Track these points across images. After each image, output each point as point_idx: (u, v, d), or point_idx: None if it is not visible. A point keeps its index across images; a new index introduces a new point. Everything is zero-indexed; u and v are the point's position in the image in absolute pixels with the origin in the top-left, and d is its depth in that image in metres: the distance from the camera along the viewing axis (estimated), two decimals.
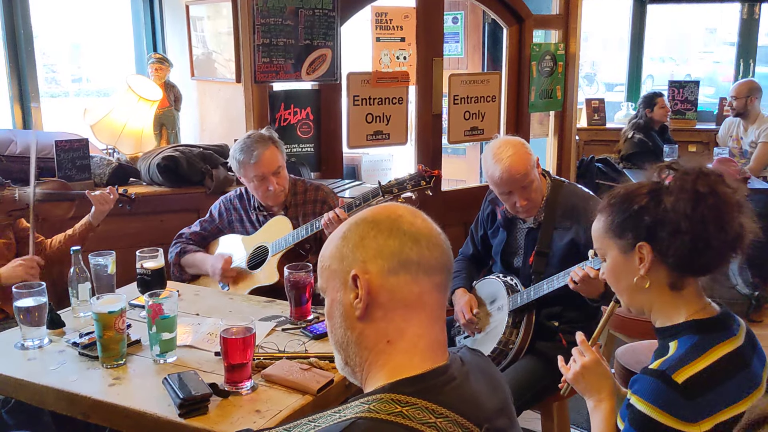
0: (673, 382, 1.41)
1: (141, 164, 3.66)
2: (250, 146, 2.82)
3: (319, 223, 2.71)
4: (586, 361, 1.69)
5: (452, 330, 2.86)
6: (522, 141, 2.60)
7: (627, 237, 1.54)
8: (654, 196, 1.52)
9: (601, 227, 1.60)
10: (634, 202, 1.53)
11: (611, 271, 1.61)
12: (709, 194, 1.47)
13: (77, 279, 2.46)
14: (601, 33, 11.92)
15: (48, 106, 4.03)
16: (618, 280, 1.61)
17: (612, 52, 11.94)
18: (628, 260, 1.55)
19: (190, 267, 3.01)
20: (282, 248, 2.83)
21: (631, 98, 6.79)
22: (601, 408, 1.65)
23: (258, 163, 2.80)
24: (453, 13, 5.40)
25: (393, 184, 2.71)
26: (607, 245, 1.60)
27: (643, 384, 1.45)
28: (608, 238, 1.59)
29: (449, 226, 3.34)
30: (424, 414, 1.03)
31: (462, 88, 4.53)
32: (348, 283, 1.14)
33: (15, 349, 2.18)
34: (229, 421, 1.73)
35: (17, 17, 3.72)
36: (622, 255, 1.56)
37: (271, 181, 2.83)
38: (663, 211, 1.49)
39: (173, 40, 4.22)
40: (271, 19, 3.66)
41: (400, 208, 1.19)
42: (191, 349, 2.16)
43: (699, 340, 1.48)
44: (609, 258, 1.60)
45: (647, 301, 1.58)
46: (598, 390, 1.67)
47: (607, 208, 1.59)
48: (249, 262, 2.92)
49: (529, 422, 3.14)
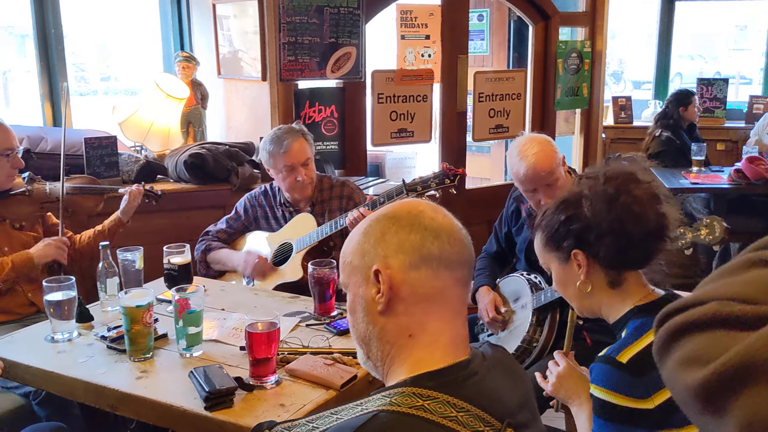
0: (618, 363, 1.48)
1: (168, 161, 3.71)
2: (281, 137, 2.87)
3: (344, 221, 2.73)
4: (560, 371, 1.79)
5: (476, 328, 2.86)
6: (548, 138, 2.59)
7: (562, 248, 1.63)
8: (576, 205, 1.60)
9: (539, 243, 1.70)
10: (560, 214, 1.62)
11: (557, 281, 1.69)
12: (619, 194, 1.55)
13: (106, 274, 2.50)
14: (628, 30, 11.81)
15: (77, 104, 4.09)
16: (565, 288, 1.69)
17: (639, 49, 11.82)
18: (568, 269, 1.64)
19: (216, 263, 3.05)
20: (306, 245, 2.85)
21: (659, 96, 6.72)
22: (582, 410, 1.71)
23: (288, 153, 2.84)
24: (478, 10, 5.38)
25: (417, 182, 2.73)
26: (549, 258, 1.69)
27: (595, 371, 1.53)
28: (547, 252, 1.68)
29: (473, 224, 3.34)
30: (445, 408, 1.03)
31: (487, 86, 4.52)
32: (370, 278, 1.14)
33: (45, 342, 2.22)
34: (254, 415, 1.75)
35: (48, 17, 3.78)
36: (562, 265, 1.65)
37: (300, 171, 2.87)
38: (585, 217, 1.58)
39: (200, 38, 4.26)
40: (297, 18, 3.68)
41: (421, 204, 1.19)
42: (217, 343, 2.18)
43: (641, 323, 1.54)
44: (553, 270, 1.69)
45: (595, 303, 1.65)
46: (577, 395, 1.75)
47: (540, 224, 1.69)
48: (273, 258, 2.95)
49: (552, 420, 3.12)
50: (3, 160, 2.68)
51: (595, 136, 5.21)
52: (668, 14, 6.67)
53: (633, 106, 6.44)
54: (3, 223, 2.77)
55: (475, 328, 2.85)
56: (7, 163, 2.69)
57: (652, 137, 5.72)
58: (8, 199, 2.77)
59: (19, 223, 2.81)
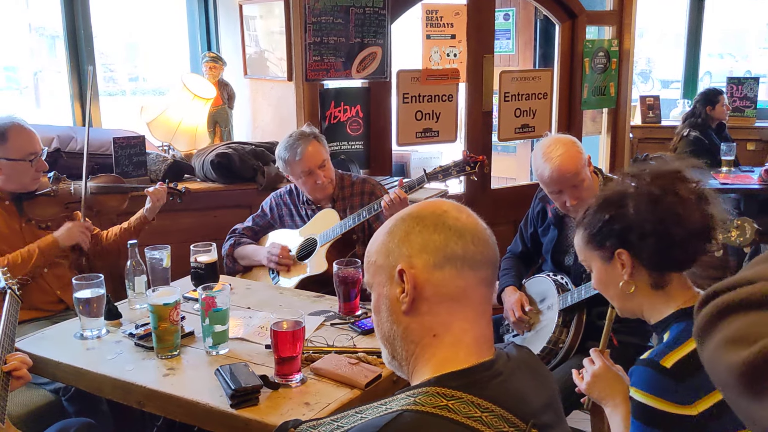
0: (662, 367, 1.45)
1: (195, 161, 3.74)
2: (293, 144, 2.92)
3: (379, 205, 2.77)
4: (596, 370, 1.76)
5: (501, 328, 2.85)
6: (573, 139, 2.57)
7: (605, 246, 1.60)
8: (618, 204, 1.58)
9: (581, 241, 1.67)
10: (604, 212, 1.60)
11: (598, 281, 1.67)
12: (665, 194, 1.52)
13: (134, 272, 2.53)
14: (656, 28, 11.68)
15: (106, 104, 4.14)
16: (606, 288, 1.66)
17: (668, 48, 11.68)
18: (611, 268, 1.61)
19: (243, 258, 3.10)
20: (330, 238, 2.88)
21: (688, 95, 6.63)
22: (617, 412, 1.68)
23: (303, 159, 2.89)
24: (504, 9, 5.36)
25: (438, 170, 2.78)
26: (590, 257, 1.66)
27: (636, 374, 1.49)
28: (588, 250, 1.65)
29: (499, 225, 3.33)
30: (469, 408, 1.03)
31: (513, 85, 4.50)
32: (394, 277, 1.15)
33: (74, 339, 2.25)
34: (279, 413, 1.76)
35: (78, 19, 3.83)
36: (605, 264, 1.62)
37: (318, 174, 2.91)
38: (629, 216, 1.55)
39: (227, 39, 4.29)
40: (323, 18, 3.70)
41: (445, 203, 1.19)
42: (243, 341, 2.20)
43: (686, 326, 1.51)
44: (594, 269, 1.67)
45: (637, 304, 1.62)
46: (612, 395, 1.71)
47: (582, 222, 1.66)
48: (298, 253, 2.98)
49: (578, 423, 3.09)
50: (27, 165, 2.71)
51: (623, 136, 5.16)
52: (697, 12, 6.58)
53: (661, 106, 6.36)
54: (29, 223, 2.81)
55: (501, 329, 2.84)
56: (31, 167, 2.73)
57: (680, 137, 5.65)
58: (34, 200, 2.81)
59: (45, 223, 2.85)
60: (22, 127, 2.73)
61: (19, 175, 2.71)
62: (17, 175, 2.71)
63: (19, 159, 2.69)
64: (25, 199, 2.79)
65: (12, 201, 2.78)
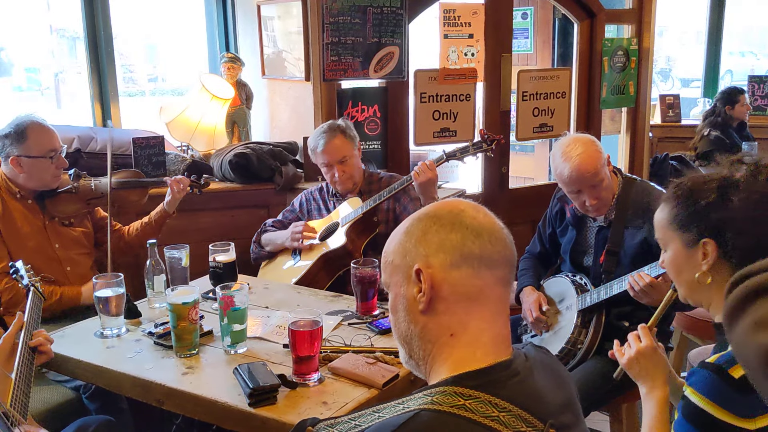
0: (729, 376, 1.38)
1: (213, 161, 3.76)
2: (320, 135, 3.01)
3: (400, 184, 2.88)
4: (642, 347, 1.68)
5: (519, 329, 2.83)
6: (592, 138, 2.55)
7: (691, 231, 1.51)
8: (722, 192, 1.47)
9: (665, 218, 1.58)
10: (701, 197, 1.50)
11: (672, 262, 1.59)
12: None
13: (153, 271, 2.55)
14: (677, 27, 11.57)
15: (126, 105, 4.17)
16: (679, 272, 1.58)
17: (688, 46, 11.58)
18: (691, 254, 1.53)
19: (267, 244, 3.19)
20: (351, 218, 2.96)
21: (708, 94, 6.57)
22: (654, 396, 1.63)
23: (324, 152, 2.99)
24: (522, 8, 5.34)
25: (456, 150, 2.88)
26: (670, 237, 1.57)
27: (700, 377, 1.43)
28: (672, 230, 1.56)
29: (516, 224, 3.31)
30: (487, 408, 1.03)
31: (531, 85, 4.48)
32: (411, 277, 1.15)
33: (95, 338, 2.28)
34: (297, 412, 1.77)
35: (98, 20, 3.87)
36: (685, 248, 1.54)
37: (337, 168, 2.99)
38: (730, 209, 1.45)
39: (245, 39, 4.31)
40: (340, 18, 3.70)
41: (463, 203, 1.19)
42: (261, 340, 2.21)
43: None
44: (670, 249, 1.58)
45: (707, 297, 1.55)
46: (652, 377, 1.66)
47: (672, 199, 1.56)
48: (321, 235, 3.04)
49: (597, 424, 3.08)
50: (47, 162, 2.75)
51: (642, 135, 5.12)
52: (718, 10, 6.52)
53: (681, 105, 6.31)
54: (52, 221, 2.84)
55: (518, 330, 2.83)
56: (51, 165, 2.76)
57: (700, 136, 5.61)
58: (56, 198, 2.84)
59: (68, 220, 2.88)
60: (41, 125, 2.76)
61: (39, 172, 2.75)
62: (38, 172, 2.74)
63: (40, 156, 2.72)
64: (47, 197, 2.83)
65: (34, 200, 2.81)
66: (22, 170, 2.72)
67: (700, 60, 6.82)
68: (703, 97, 6.62)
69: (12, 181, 2.77)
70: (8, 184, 2.77)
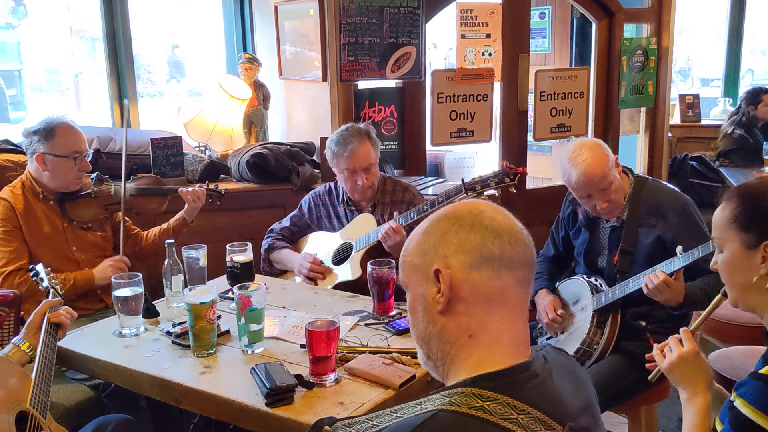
0: None
1: (231, 161, 3.77)
2: (347, 139, 2.88)
3: (416, 213, 2.76)
4: (684, 351, 1.63)
5: (534, 331, 2.82)
6: (598, 142, 2.53)
7: (753, 233, 1.47)
8: None
9: (726, 217, 1.52)
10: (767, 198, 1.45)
11: (728, 263, 1.53)
12: None
13: (171, 271, 2.56)
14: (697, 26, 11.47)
15: (144, 105, 4.20)
16: (732, 274, 1.53)
17: (709, 46, 11.47)
18: (749, 257, 1.48)
19: (278, 263, 3.11)
20: (365, 244, 2.87)
21: (728, 94, 6.50)
22: (696, 402, 1.59)
23: (351, 157, 2.87)
24: (540, 8, 5.31)
25: (476, 181, 2.73)
26: (729, 237, 1.52)
27: (751, 388, 1.38)
28: (731, 229, 1.51)
29: (534, 225, 3.28)
30: (505, 410, 1.02)
31: (548, 84, 4.45)
32: (430, 277, 1.14)
33: (113, 337, 2.29)
34: (313, 412, 1.77)
35: (117, 21, 3.90)
36: (744, 250, 1.49)
37: (361, 176, 2.89)
38: None
39: (262, 40, 4.32)
40: (357, 18, 3.70)
41: (482, 204, 1.18)
42: (278, 340, 2.21)
43: None
44: (727, 250, 1.53)
45: (761, 302, 1.50)
46: (694, 383, 1.61)
47: (736, 198, 1.51)
48: (334, 257, 2.97)
49: (616, 426, 3.06)
50: (71, 163, 2.77)
51: (661, 135, 5.08)
52: (739, 8, 6.45)
53: (701, 104, 6.25)
54: (71, 224, 2.86)
55: (534, 332, 2.82)
56: (74, 166, 2.78)
57: (723, 134, 5.56)
58: (75, 201, 2.86)
59: (86, 224, 2.90)
60: (70, 125, 2.79)
61: (63, 172, 2.77)
62: (61, 172, 2.77)
63: (64, 156, 2.75)
64: (68, 200, 2.85)
65: (56, 201, 2.84)
66: (45, 168, 2.75)
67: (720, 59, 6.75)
68: (723, 96, 6.56)
69: (36, 181, 2.79)
70: (33, 183, 2.80)
